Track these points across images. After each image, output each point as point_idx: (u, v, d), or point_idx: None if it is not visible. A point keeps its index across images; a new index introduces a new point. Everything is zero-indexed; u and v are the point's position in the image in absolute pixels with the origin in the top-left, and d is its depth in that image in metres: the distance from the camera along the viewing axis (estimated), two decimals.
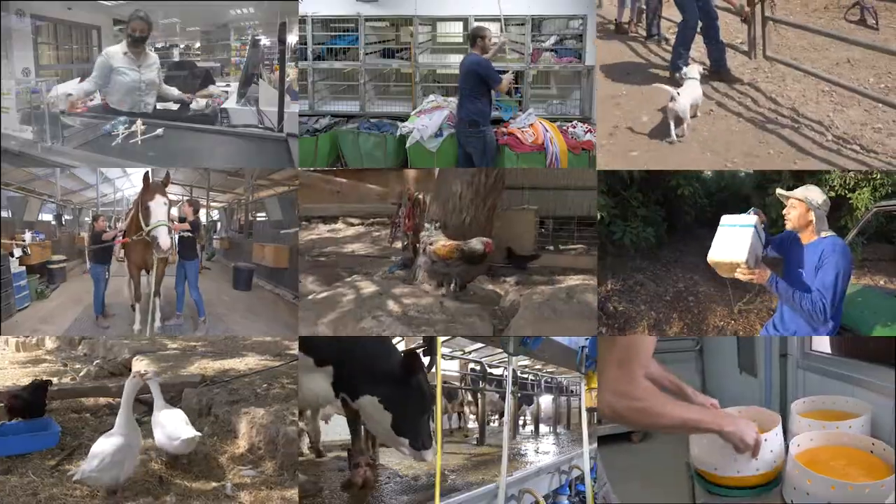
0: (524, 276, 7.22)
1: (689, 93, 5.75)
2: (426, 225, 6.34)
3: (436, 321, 5.47)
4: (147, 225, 5.24)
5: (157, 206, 5.24)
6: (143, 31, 5.99)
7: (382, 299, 5.82)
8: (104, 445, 3.61)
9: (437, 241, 6.16)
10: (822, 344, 4.57)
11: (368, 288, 6.13)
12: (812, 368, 4.48)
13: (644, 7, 7.76)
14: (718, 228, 3.53)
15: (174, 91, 6.39)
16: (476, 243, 6.01)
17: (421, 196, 7.56)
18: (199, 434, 4.14)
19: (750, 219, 3.49)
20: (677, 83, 6.06)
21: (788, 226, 3.64)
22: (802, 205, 3.54)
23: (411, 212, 7.56)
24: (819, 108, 5.88)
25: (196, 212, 6.53)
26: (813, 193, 3.57)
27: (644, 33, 7.71)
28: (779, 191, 3.71)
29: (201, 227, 6.81)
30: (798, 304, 3.41)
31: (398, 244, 7.98)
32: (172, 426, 4.05)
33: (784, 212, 3.65)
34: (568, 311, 5.48)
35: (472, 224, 6.51)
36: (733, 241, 3.43)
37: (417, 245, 6.97)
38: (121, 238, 6.19)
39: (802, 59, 6.64)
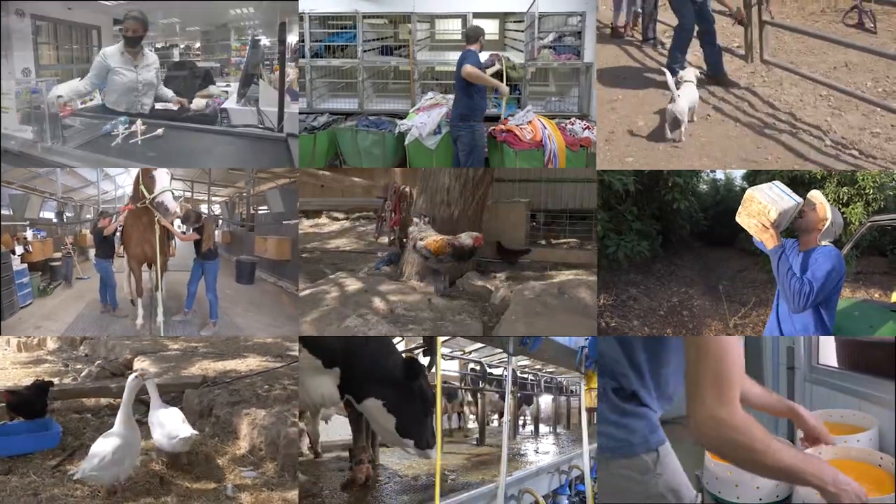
0: (515, 272, 7.04)
1: (687, 95, 5.74)
2: (414, 220, 6.13)
3: (423, 319, 5.30)
4: (151, 193, 5.47)
5: (161, 175, 5.55)
6: (137, 31, 5.96)
7: (368, 297, 5.67)
8: (104, 445, 3.68)
9: (428, 236, 5.99)
10: (829, 357, 4.61)
11: (353, 285, 5.99)
12: (819, 382, 4.54)
13: (640, 11, 7.69)
14: (774, 185, 3.45)
15: (170, 93, 6.40)
16: (465, 238, 5.92)
17: (408, 189, 7.38)
18: (196, 433, 4.20)
19: (798, 198, 3.43)
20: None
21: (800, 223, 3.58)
22: (823, 209, 3.50)
23: (398, 206, 7.37)
24: (817, 112, 5.84)
25: (197, 220, 6.50)
26: (833, 209, 3.55)
27: (640, 37, 7.62)
28: (814, 192, 3.60)
29: (210, 228, 6.77)
30: (788, 281, 3.37)
31: (384, 239, 7.79)
32: (170, 425, 4.11)
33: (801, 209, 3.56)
34: (559, 306, 5.34)
35: (461, 218, 6.34)
36: (780, 196, 3.38)
37: (405, 240, 6.80)
38: (127, 205, 6.19)
39: (800, 63, 6.58)
